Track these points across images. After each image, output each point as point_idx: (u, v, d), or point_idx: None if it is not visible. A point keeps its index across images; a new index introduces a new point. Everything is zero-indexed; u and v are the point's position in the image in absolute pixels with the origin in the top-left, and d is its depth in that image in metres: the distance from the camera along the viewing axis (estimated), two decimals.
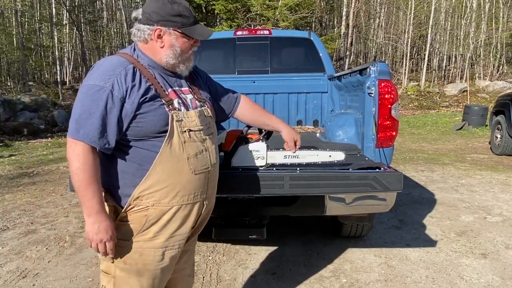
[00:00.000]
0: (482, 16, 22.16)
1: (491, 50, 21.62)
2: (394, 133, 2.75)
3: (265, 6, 16.37)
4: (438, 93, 19.53)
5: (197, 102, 1.66)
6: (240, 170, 2.25)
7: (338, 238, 3.70)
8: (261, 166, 2.25)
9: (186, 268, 1.90)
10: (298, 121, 4.72)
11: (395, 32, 24.54)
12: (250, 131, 2.26)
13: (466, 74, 20.43)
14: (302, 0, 18.07)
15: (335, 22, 28.14)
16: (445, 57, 23.32)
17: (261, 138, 2.20)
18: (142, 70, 1.51)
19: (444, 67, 23.28)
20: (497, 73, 21.96)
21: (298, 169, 2.30)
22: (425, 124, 13.92)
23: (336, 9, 27.63)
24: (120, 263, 1.57)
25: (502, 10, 22.65)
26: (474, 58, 21.69)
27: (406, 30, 22.25)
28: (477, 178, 6.21)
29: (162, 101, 1.50)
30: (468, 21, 21.95)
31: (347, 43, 23.02)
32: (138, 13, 1.57)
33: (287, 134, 2.06)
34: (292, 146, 2.08)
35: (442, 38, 23.68)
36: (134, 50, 1.59)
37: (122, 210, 1.54)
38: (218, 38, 4.84)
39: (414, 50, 24.72)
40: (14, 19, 21.09)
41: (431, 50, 22.49)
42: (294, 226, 4.06)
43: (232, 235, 2.88)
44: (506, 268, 3.16)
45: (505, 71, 22.16)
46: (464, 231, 3.96)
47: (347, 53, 23.18)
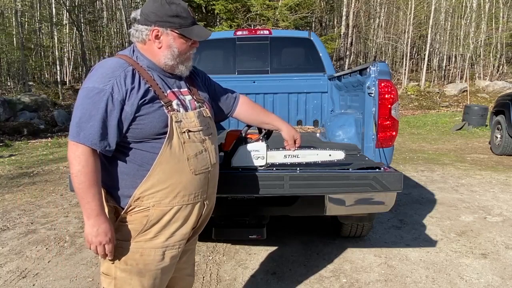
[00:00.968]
0: (482, 16, 22.16)
1: (491, 50, 21.63)
2: (394, 133, 2.75)
3: (265, 6, 16.37)
4: (438, 93, 19.54)
5: (196, 103, 1.66)
6: (240, 170, 2.25)
7: (338, 238, 3.70)
8: (261, 166, 2.25)
9: (187, 267, 1.90)
10: (298, 121, 4.72)
11: (395, 32, 24.55)
12: (249, 131, 2.26)
13: (466, 74, 20.43)
14: (302, 0, 18.07)
15: (335, 22, 28.14)
16: (445, 57, 23.33)
17: (260, 138, 2.20)
18: (141, 72, 1.52)
19: (444, 67, 23.29)
20: (497, 73, 21.97)
21: (298, 169, 2.30)
22: (425, 124, 13.92)
23: (336, 9, 27.62)
24: (120, 264, 1.57)
25: (502, 10, 22.66)
26: (474, 58, 21.70)
27: (406, 30, 22.26)
28: (477, 178, 6.21)
29: (161, 102, 1.51)
30: (468, 21, 21.96)
31: (347, 43, 23.02)
32: (136, 13, 1.58)
33: (287, 132, 2.07)
34: (292, 145, 2.09)
35: (442, 38, 23.69)
36: (134, 51, 1.59)
37: (123, 211, 1.54)
38: (218, 38, 4.84)
39: (414, 50, 24.73)
40: (14, 19, 21.07)
41: (431, 50, 22.50)
42: (294, 226, 4.06)
43: (232, 235, 2.88)
44: (506, 268, 3.16)
45: (505, 71, 22.16)
46: (464, 231, 3.96)
47: (347, 53, 23.18)
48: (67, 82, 22.31)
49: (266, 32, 4.79)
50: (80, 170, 1.41)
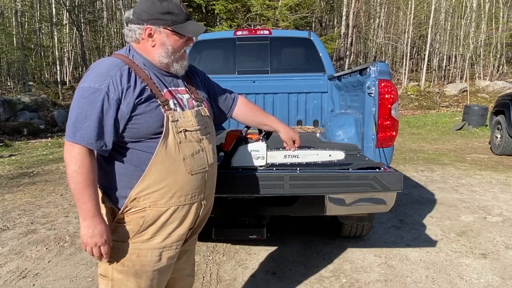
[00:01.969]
0: (482, 16, 22.17)
1: (491, 50, 21.64)
2: (394, 133, 2.75)
3: (265, 6, 16.36)
4: (438, 93, 19.54)
5: (194, 102, 1.65)
6: (240, 170, 2.25)
7: (338, 238, 3.70)
8: (260, 166, 2.25)
9: (186, 268, 1.90)
10: (298, 121, 4.72)
11: (395, 32, 24.56)
12: (250, 131, 2.26)
13: (466, 74, 20.44)
14: (302, 0, 18.07)
15: (335, 22, 28.14)
16: (445, 57, 23.34)
17: (261, 138, 2.21)
18: (138, 70, 1.51)
19: (444, 67, 23.30)
20: (497, 73, 21.97)
21: (298, 169, 2.30)
22: (425, 124, 13.92)
23: (336, 9, 27.63)
24: (117, 266, 1.56)
25: (502, 10, 22.66)
26: (474, 58, 21.70)
27: (406, 30, 22.27)
28: (477, 178, 6.21)
29: (157, 101, 1.50)
30: (468, 21, 21.96)
31: (347, 43, 23.02)
32: (129, 13, 1.58)
33: (285, 134, 2.07)
34: (291, 145, 2.09)
35: (442, 38, 23.70)
36: (129, 50, 1.59)
37: (119, 212, 1.54)
38: (218, 38, 4.84)
39: (414, 50, 24.74)
40: (14, 19, 21.07)
41: (431, 50, 22.50)
42: (294, 226, 4.06)
43: (232, 235, 2.88)
44: (506, 268, 3.17)
45: (505, 71, 22.17)
46: (464, 231, 3.96)
47: (347, 53, 23.19)
48: (67, 82, 22.31)
49: (266, 32, 4.79)
50: (76, 171, 1.40)
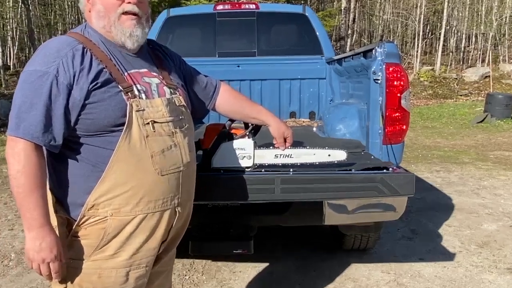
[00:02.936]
0: None
1: None
2: (404, 126, 2.76)
3: None
4: (456, 79, 19.79)
5: (165, 88, 1.64)
6: (222, 172, 2.24)
7: (339, 251, 3.73)
8: (247, 167, 2.24)
9: None
10: (292, 112, 4.73)
11: (405, 7, 24.76)
12: (233, 125, 2.26)
13: (489, 56, 20.70)
14: None
15: None
16: (464, 36, 23.62)
17: (247, 133, 2.19)
18: (95, 50, 1.50)
19: (462, 49, 23.58)
20: None
21: (292, 170, 2.30)
22: (440, 116, 14.09)
23: None
24: None
25: None
26: (497, 38, 22.00)
27: (418, 5, 22.46)
28: (501, 179, 6.31)
29: (118, 87, 1.48)
30: None
31: (349, 20, 23.14)
32: None
33: (276, 129, 2.07)
34: (281, 143, 2.10)
35: (460, 14, 23.97)
36: (85, 27, 1.59)
37: (75, 223, 1.51)
38: (194, 14, 4.82)
39: (428, 28, 24.98)
40: None
41: (448, 28, 22.75)
42: (287, 238, 4.08)
43: (213, 250, 2.87)
44: None
45: None
46: (486, 242, 4.02)
47: (349, 31, 23.31)
48: (11, 67, 21.99)
49: (253, 6, 4.78)
50: (19, 171, 1.38)
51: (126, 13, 1.54)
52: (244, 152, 2.20)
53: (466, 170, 6.90)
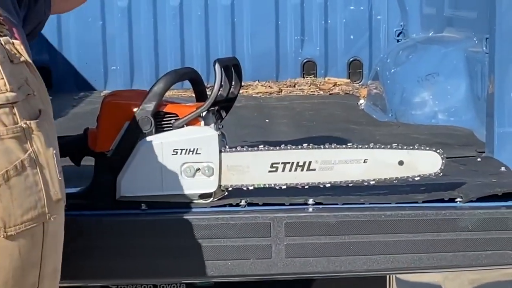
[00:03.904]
0: None
1: None
2: None
3: None
4: None
5: None
6: (142, 208, 1.18)
7: None
8: (203, 197, 1.17)
9: None
10: (306, 62, 3.10)
11: None
12: (171, 98, 1.43)
13: None
14: None
15: None
16: None
17: (202, 111, 1.17)
18: None
19: None
20: None
21: (311, 201, 1.18)
22: None
23: None
24: None
25: None
26: None
27: None
28: None
29: None
30: None
31: None
32: None
33: None
34: None
35: None
36: None
37: None
38: None
39: None
40: None
41: None
42: None
43: None
44: None
45: None
46: None
47: None
48: None
49: None
50: None
51: None
52: (195, 159, 1.15)
53: None
